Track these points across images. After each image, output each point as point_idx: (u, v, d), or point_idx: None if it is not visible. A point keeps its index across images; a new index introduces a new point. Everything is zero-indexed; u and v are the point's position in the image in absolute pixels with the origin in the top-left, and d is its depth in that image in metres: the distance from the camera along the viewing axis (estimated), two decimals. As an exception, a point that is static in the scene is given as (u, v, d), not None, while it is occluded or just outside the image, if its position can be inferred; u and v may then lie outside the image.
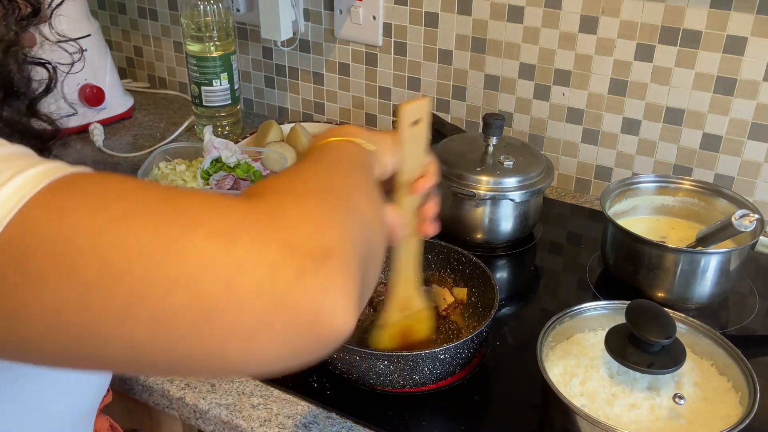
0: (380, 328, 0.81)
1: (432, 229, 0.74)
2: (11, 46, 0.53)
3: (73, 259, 0.39)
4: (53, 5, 0.59)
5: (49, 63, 0.60)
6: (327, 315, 0.40)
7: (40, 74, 0.59)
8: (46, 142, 0.60)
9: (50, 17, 0.59)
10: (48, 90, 0.60)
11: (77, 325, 0.40)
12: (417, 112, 0.68)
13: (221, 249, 0.40)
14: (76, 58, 0.65)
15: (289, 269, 0.40)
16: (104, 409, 0.79)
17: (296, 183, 0.48)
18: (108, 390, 0.77)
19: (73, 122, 1.47)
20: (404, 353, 0.82)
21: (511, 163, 1.08)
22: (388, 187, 0.69)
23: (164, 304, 0.39)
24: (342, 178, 0.53)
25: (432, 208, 0.74)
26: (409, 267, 0.78)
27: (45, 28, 0.60)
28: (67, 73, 0.63)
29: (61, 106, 0.63)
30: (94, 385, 0.66)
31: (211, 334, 0.39)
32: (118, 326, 0.39)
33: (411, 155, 0.69)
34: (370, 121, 1.49)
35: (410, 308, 0.81)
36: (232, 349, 0.40)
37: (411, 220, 0.72)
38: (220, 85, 1.40)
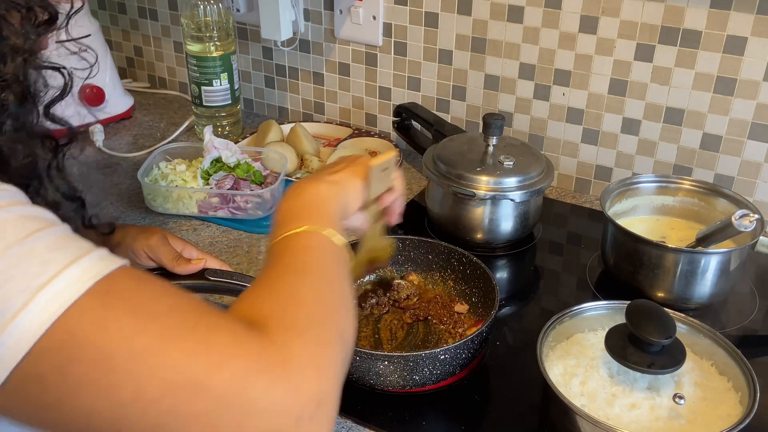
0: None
1: (395, 220, 0.83)
2: (28, 52, 0.54)
3: (111, 377, 0.44)
4: (70, 12, 0.60)
5: (65, 68, 0.61)
6: None
7: (55, 79, 0.60)
8: (62, 145, 0.62)
9: (66, 24, 0.60)
10: (63, 94, 0.61)
11: None
12: (386, 164, 0.78)
13: (240, 391, 0.45)
14: (91, 61, 0.68)
15: (291, 415, 0.46)
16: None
17: (296, 313, 0.53)
18: None
19: (73, 122, 1.47)
20: (404, 354, 0.82)
21: (511, 163, 1.08)
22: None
23: None
24: (328, 294, 0.58)
25: (395, 209, 0.82)
26: (374, 236, 0.85)
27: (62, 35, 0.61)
28: (86, 78, 0.66)
29: (79, 111, 0.65)
30: None
31: None
32: None
33: (377, 188, 0.79)
34: (370, 121, 1.49)
35: (377, 242, 0.87)
36: None
37: (376, 218, 0.82)
38: (220, 85, 1.40)
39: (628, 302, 0.78)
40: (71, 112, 0.63)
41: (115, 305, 0.45)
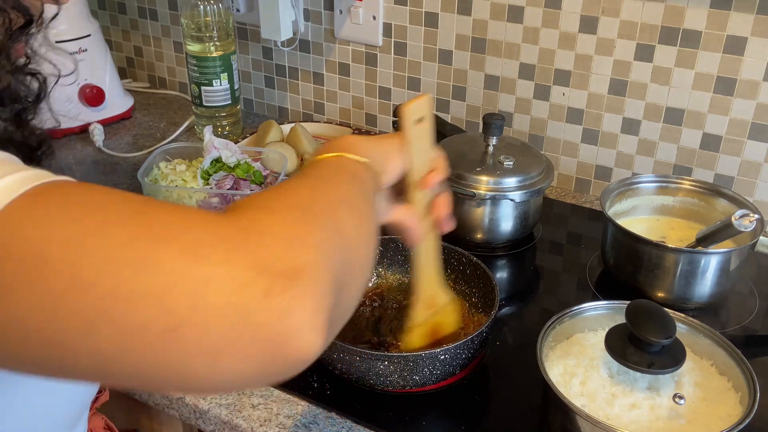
0: (410, 330, 0.81)
1: (448, 225, 0.74)
2: (2, 57, 0.53)
3: (44, 268, 0.39)
4: (47, 16, 0.58)
5: (40, 73, 0.59)
6: (293, 335, 0.40)
7: (31, 84, 0.58)
8: (34, 151, 0.60)
9: (45, 28, 0.58)
10: (38, 100, 0.59)
11: (44, 334, 0.40)
12: (419, 110, 0.68)
13: (191, 265, 0.40)
14: (71, 68, 0.64)
15: (257, 288, 0.40)
16: (101, 408, 0.79)
17: (276, 199, 0.48)
18: (104, 389, 0.77)
19: (73, 122, 1.47)
20: (404, 354, 0.82)
21: (511, 163, 1.08)
22: (400, 188, 0.70)
23: (131, 317, 0.39)
24: (326, 193, 0.52)
25: (444, 202, 0.73)
26: (430, 265, 0.78)
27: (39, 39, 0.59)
28: (55, 83, 0.62)
29: (46, 118, 0.62)
30: (81, 385, 0.66)
31: (176, 350, 0.39)
32: (85, 338, 0.39)
33: (418, 153, 0.68)
34: (370, 121, 1.49)
35: (436, 305, 0.81)
36: (197, 366, 0.40)
37: (425, 218, 0.72)
38: (220, 85, 1.40)
39: (628, 302, 0.78)
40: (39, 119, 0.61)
41: (52, 204, 0.41)
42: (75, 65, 0.65)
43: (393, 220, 0.68)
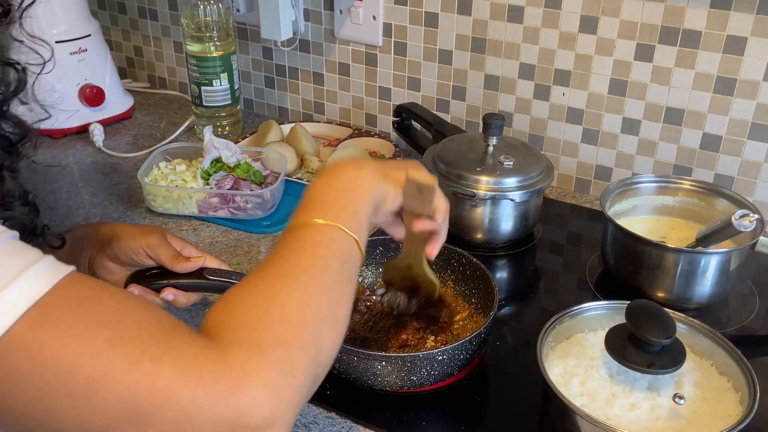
0: (392, 265, 0.89)
1: (429, 253, 0.82)
2: None
3: (53, 407, 0.45)
4: (23, 6, 0.57)
5: (18, 63, 0.59)
6: None
7: (8, 75, 0.58)
8: (15, 144, 0.59)
9: (20, 18, 0.57)
10: (17, 91, 0.59)
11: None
12: (423, 185, 0.74)
13: (190, 416, 0.46)
14: (47, 57, 0.63)
15: None
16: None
17: (266, 329, 0.52)
18: None
19: (73, 122, 1.47)
20: (402, 354, 0.82)
21: (511, 163, 1.08)
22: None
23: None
24: (317, 297, 0.56)
25: (434, 245, 0.81)
26: (417, 256, 0.85)
27: (15, 29, 0.58)
28: (38, 74, 0.62)
29: (33, 109, 0.61)
30: None
31: None
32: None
33: (410, 204, 0.76)
34: (370, 121, 1.49)
35: (419, 268, 0.87)
36: None
37: (416, 238, 0.82)
38: (220, 85, 1.40)
39: (628, 302, 0.78)
40: (23, 109, 0.60)
41: (56, 326, 0.45)
42: (52, 54, 0.64)
43: (376, 222, 0.76)
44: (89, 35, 1.48)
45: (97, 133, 1.46)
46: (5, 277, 0.45)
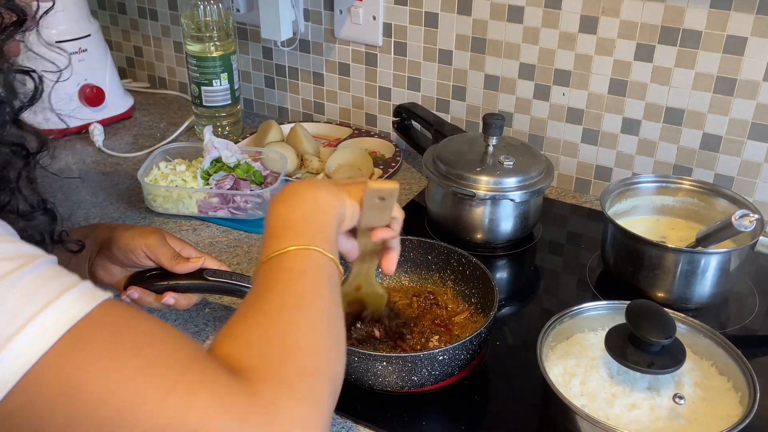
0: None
1: (387, 268, 0.81)
2: None
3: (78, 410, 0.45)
4: (39, 14, 0.58)
5: (35, 72, 0.59)
6: None
7: (26, 84, 0.58)
8: (33, 154, 0.60)
9: (37, 26, 0.58)
10: (34, 100, 0.59)
11: None
12: (381, 192, 0.73)
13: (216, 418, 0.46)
14: (64, 65, 0.63)
15: None
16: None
17: (287, 364, 0.52)
18: None
19: (73, 122, 1.47)
20: (402, 354, 0.82)
21: (511, 163, 1.08)
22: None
23: None
24: (324, 334, 0.57)
25: (390, 258, 0.80)
26: (366, 276, 0.85)
27: (32, 37, 0.59)
28: (56, 81, 0.62)
29: (48, 117, 0.62)
30: None
31: None
32: None
33: (370, 217, 0.75)
34: (370, 122, 1.49)
35: (369, 285, 0.86)
36: None
37: (367, 258, 0.81)
38: (220, 85, 1.40)
39: (628, 302, 0.78)
40: (40, 119, 0.60)
41: (89, 353, 0.45)
42: (69, 62, 0.64)
43: (339, 250, 0.74)
44: (89, 35, 1.48)
45: (97, 133, 1.46)
46: (42, 300, 0.45)
